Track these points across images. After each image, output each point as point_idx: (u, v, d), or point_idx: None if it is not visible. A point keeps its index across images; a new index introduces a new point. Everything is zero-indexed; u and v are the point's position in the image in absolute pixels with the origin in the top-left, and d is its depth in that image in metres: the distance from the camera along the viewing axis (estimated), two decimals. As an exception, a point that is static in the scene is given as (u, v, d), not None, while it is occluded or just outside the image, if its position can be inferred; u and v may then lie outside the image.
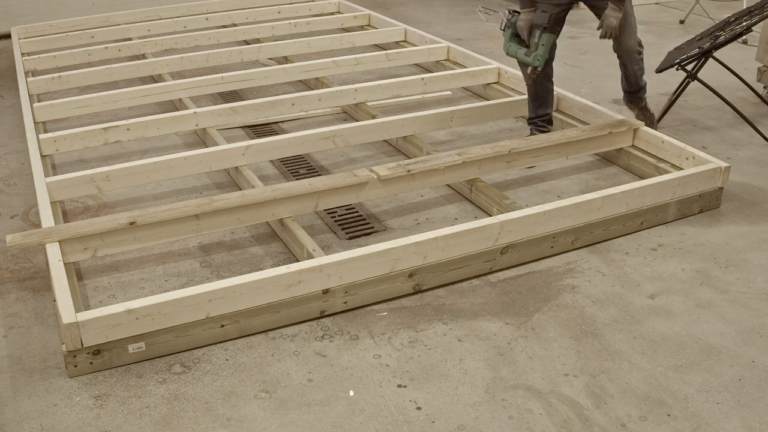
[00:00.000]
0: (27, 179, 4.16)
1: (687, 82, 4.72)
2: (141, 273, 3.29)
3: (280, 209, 3.42)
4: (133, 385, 2.62)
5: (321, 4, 7.44)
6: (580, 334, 2.86)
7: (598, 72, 5.89)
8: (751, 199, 3.87)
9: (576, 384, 2.61)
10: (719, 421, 2.44)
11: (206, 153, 3.87)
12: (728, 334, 2.86)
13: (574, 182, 4.06)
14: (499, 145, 3.85)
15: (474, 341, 2.83)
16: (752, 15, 4.73)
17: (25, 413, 2.51)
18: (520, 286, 3.17)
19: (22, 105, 4.76)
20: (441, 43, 5.86)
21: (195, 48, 6.19)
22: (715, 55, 4.62)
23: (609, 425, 2.43)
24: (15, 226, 3.70)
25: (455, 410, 2.50)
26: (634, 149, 4.15)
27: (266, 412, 2.50)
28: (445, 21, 7.58)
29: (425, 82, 5.05)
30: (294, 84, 5.54)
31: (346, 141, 4.18)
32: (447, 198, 3.91)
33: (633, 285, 3.17)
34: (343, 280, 2.96)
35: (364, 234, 3.57)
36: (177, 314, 2.73)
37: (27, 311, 3.05)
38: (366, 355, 2.76)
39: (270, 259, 3.37)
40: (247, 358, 2.75)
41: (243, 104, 4.59)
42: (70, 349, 2.62)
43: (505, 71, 5.18)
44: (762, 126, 4.67)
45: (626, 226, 3.52)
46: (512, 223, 3.23)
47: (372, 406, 2.52)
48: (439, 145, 4.47)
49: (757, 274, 3.23)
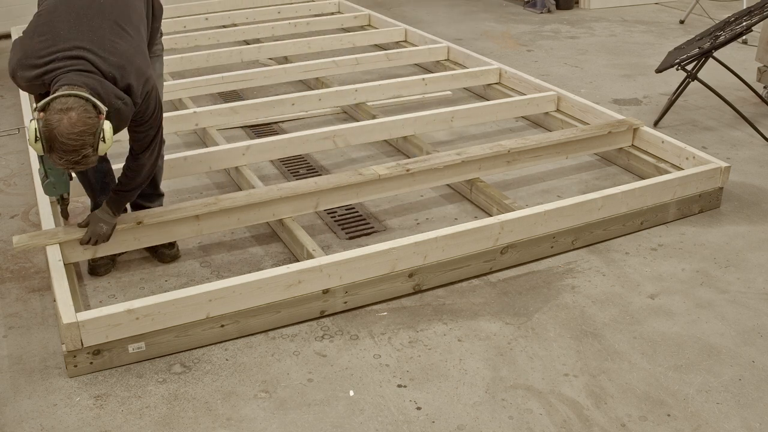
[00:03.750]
0: (27, 179, 4.15)
1: (687, 82, 4.72)
2: (141, 273, 3.29)
3: (281, 209, 3.42)
4: (133, 385, 2.62)
5: (321, 4, 7.44)
6: (580, 334, 2.86)
7: (598, 72, 5.89)
8: (751, 199, 3.87)
9: (576, 384, 2.60)
10: (719, 421, 2.44)
11: (206, 153, 3.87)
12: (728, 334, 2.86)
13: (574, 182, 4.06)
14: (498, 144, 3.85)
15: (474, 341, 2.83)
16: (752, 15, 4.73)
17: (25, 413, 2.51)
18: (520, 286, 3.17)
19: (22, 105, 4.76)
20: (441, 43, 5.86)
21: (195, 48, 6.18)
22: (715, 55, 4.62)
23: (609, 425, 2.43)
24: (15, 226, 3.70)
25: (455, 410, 2.50)
26: (634, 149, 4.15)
27: (266, 412, 2.50)
28: (445, 21, 7.58)
29: (426, 83, 5.04)
30: (294, 84, 5.54)
31: (346, 141, 4.18)
32: (447, 198, 3.91)
33: (633, 285, 3.17)
34: (343, 280, 2.96)
35: (364, 234, 3.57)
36: (177, 314, 2.73)
37: (27, 311, 3.05)
38: (366, 355, 2.76)
39: (270, 259, 3.37)
40: (247, 358, 2.75)
41: (243, 104, 4.59)
42: (70, 349, 2.62)
43: (506, 71, 5.17)
44: (762, 126, 4.67)
45: (626, 226, 3.52)
46: (512, 223, 3.23)
47: (372, 406, 2.52)
48: (439, 145, 4.47)
49: (757, 274, 3.23)
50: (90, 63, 2.62)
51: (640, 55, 6.31)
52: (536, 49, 6.54)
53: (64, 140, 2.48)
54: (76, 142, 2.50)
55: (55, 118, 2.48)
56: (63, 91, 2.53)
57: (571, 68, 5.98)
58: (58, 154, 2.53)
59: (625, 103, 5.17)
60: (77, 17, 2.70)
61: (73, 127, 2.48)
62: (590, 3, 8.07)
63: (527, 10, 8.05)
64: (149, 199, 3.37)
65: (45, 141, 2.50)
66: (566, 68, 5.97)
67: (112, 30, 2.72)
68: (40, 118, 2.51)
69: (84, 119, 2.50)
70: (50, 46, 2.64)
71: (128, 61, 2.70)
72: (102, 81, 2.63)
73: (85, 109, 2.51)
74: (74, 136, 2.49)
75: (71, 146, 2.50)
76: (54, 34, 2.66)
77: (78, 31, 2.67)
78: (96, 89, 2.59)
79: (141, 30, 2.85)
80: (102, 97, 2.60)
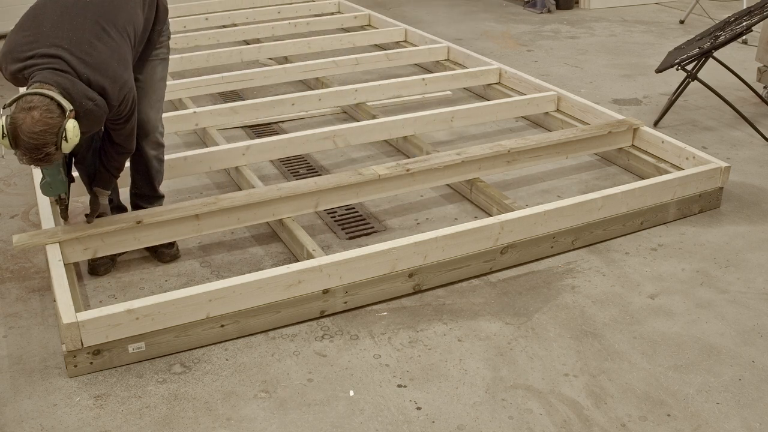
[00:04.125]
0: (27, 179, 4.15)
1: (687, 82, 4.72)
2: (141, 273, 3.29)
3: (281, 209, 3.42)
4: (133, 385, 2.62)
5: (321, 4, 7.43)
6: (580, 334, 2.86)
7: (598, 72, 5.89)
8: (751, 199, 3.87)
9: (576, 384, 2.60)
10: (719, 421, 2.44)
11: (206, 153, 3.87)
12: (728, 334, 2.86)
13: (574, 182, 4.06)
14: (498, 144, 3.85)
15: (474, 341, 2.83)
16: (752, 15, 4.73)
17: (25, 413, 2.51)
18: (520, 286, 3.17)
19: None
20: (441, 43, 5.86)
21: (195, 48, 6.18)
22: (715, 55, 4.62)
23: (609, 425, 2.43)
24: (15, 226, 3.70)
25: (455, 410, 2.50)
26: (634, 149, 4.15)
27: (266, 412, 2.50)
28: (445, 21, 7.58)
29: (426, 83, 5.04)
30: (294, 84, 5.54)
31: (346, 141, 4.18)
32: (447, 198, 3.91)
33: (633, 285, 3.17)
34: (343, 280, 2.96)
35: (364, 234, 3.57)
36: (177, 314, 2.73)
37: (27, 311, 3.05)
38: (366, 355, 2.76)
39: (270, 259, 3.37)
40: (247, 358, 2.75)
41: (243, 104, 4.58)
42: (70, 349, 2.62)
43: (506, 71, 5.17)
44: (762, 126, 4.67)
45: (626, 226, 3.52)
46: (512, 223, 3.23)
47: (372, 406, 2.52)
48: (439, 145, 4.47)
49: (757, 274, 3.23)
50: (66, 63, 2.65)
51: (640, 55, 6.31)
52: (536, 49, 6.54)
53: (26, 138, 2.53)
54: (37, 141, 2.54)
55: (20, 117, 2.53)
56: (31, 89, 2.57)
57: (571, 68, 5.98)
58: (22, 150, 2.58)
59: (625, 103, 5.17)
60: (61, 15, 2.73)
61: (34, 125, 2.52)
62: (590, 3, 8.07)
63: (527, 10, 8.05)
64: (149, 200, 3.37)
65: (11, 137, 2.56)
66: (566, 68, 5.97)
67: (93, 31, 2.74)
68: (7, 115, 2.56)
69: (45, 119, 2.53)
70: (32, 42, 2.68)
71: (104, 65, 2.72)
72: (75, 81, 2.65)
73: (48, 108, 2.54)
74: (35, 135, 2.53)
75: (33, 144, 2.55)
76: (37, 31, 2.70)
77: (60, 29, 2.70)
78: (67, 89, 2.62)
79: (128, 32, 2.86)
80: (72, 97, 2.62)
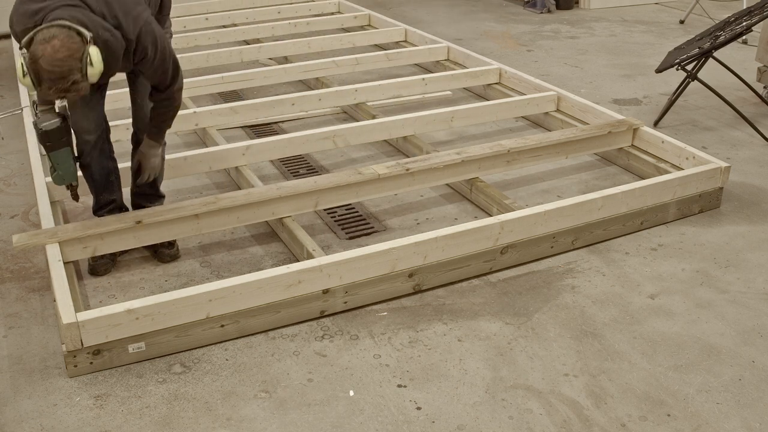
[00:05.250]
0: (27, 179, 4.15)
1: (687, 82, 4.72)
2: (141, 273, 3.29)
3: (281, 208, 3.42)
4: (133, 385, 2.62)
5: (321, 4, 7.44)
6: (580, 334, 2.86)
7: (598, 72, 5.89)
8: (751, 199, 3.87)
9: (576, 384, 2.60)
10: (719, 421, 2.44)
11: (206, 153, 3.87)
12: (728, 334, 2.86)
13: (574, 182, 4.06)
14: (498, 144, 3.85)
15: (474, 341, 2.83)
16: (752, 15, 4.73)
17: (25, 413, 2.51)
18: (520, 286, 3.17)
19: (22, 103, 4.76)
20: (441, 43, 5.86)
21: (195, 48, 6.18)
22: (715, 55, 4.62)
23: (609, 425, 2.43)
24: (15, 226, 3.69)
25: (455, 410, 2.50)
26: (634, 149, 4.15)
27: (266, 412, 2.50)
28: (445, 21, 7.58)
29: (426, 83, 5.05)
30: (294, 84, 5.54)
31: (346, 141, 4.18)
32: (447, 198, 3.91)
33: (633, 285, 3.17)
34: (343, 280, 2.96)
35: (364, 234, 3.57)
36: (177, 314, 2.73)
37: (27, 311, 3.05)
38: (366, 355, 2.76)
39: (270, 259, 3.37)
40: (247, 358, 2.75)
41: (243, 104, 4.59)
42: (70, 349, 2.62)
43: (506, 71, 5.17)
44: (762, 126, 4.67)
45: (626, 226, 3.52)
46: (512, 223, 3.23)
47: (372, 406, 2.52)
48: (439, 145, 4.47)
49: (757, 274, 3.23)
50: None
51: (640, 55, 6.31)
52: (536, 49, 6.54)
53: (50, 68, 2.48)
54: (62, 67, 2.49)
55: (39, 49, 2.48)
56: (47, 23, 2.53)
57: (571, 68, 5.98)
58: (47, 84, 2.52)
59: (625, 103, 5.18)
60: None
61: (56, 53, 2.47)
62: (590, 3, 8.07)
63: (527, 10, 8.05)
64: (150, 200, 3.37)
65: (32, 73, 2.50)
66: (566, 68, 5.97)
67: None
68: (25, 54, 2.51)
69: (68, 45, 2.49)
70: None
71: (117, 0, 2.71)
72: (89, 14, 2.63)
73: (68, 35, 2.50)
74: (59, 62, 2.48)
75: (58, 73, 2.49)
76: None
77: None
78: (82, 20, 2.59)
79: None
80: (88, 27, 2.59)
